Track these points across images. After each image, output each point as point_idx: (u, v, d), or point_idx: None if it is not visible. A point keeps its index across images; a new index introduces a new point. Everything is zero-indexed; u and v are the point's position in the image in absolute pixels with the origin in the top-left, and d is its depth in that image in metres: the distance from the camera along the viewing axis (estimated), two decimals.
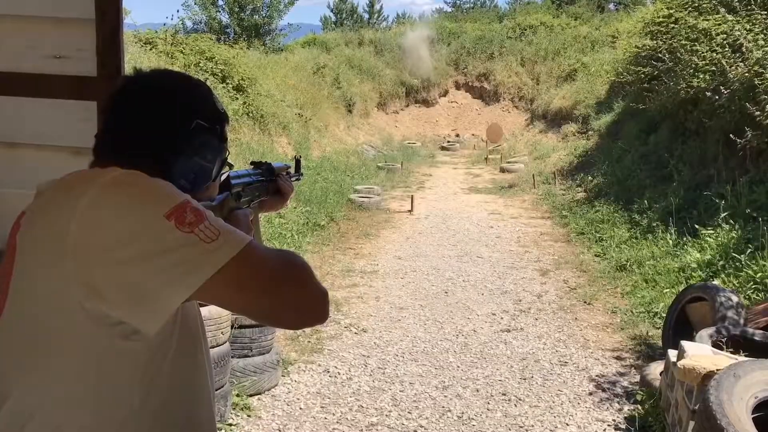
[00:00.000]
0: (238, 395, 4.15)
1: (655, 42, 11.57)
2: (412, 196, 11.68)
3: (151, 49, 11.32)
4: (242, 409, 4.12)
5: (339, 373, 4.80)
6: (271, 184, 1.61)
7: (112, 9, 2.04)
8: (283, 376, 4.64)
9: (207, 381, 1.23)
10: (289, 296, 1.05)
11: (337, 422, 4.10)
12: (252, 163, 1.61)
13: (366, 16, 38.64)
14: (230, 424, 3.93)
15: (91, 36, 2.01)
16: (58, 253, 0.98)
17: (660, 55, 10.84)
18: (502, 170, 15.92)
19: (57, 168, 1.88)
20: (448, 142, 21.85)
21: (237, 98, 12.26)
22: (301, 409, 4.25)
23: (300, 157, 1.96)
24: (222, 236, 1.00)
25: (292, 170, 1.78)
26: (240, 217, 1.39)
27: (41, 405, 1.03)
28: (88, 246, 0.97)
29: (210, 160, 1.22)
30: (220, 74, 12.30)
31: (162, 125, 1.15)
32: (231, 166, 1.38)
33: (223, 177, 1.38)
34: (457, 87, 25.02)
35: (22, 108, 2.13)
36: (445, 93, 24.80)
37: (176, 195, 1.03)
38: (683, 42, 10.02)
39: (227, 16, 25.94)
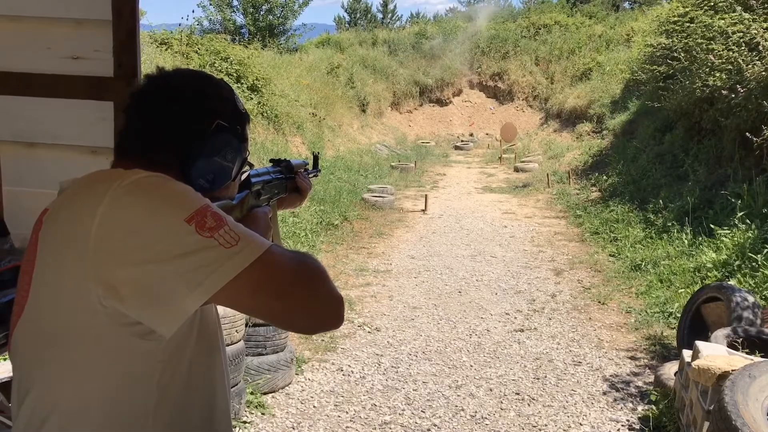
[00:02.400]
0: (252, 393, 4.18)
1: (670, 40, 11.49)
2: (425, 195, 11.68)
3: (166, 50, 11.40)
4: (256, 406, 4.14)
5: (352, 372, 4.82)
6: (290, 181, 1.62)
7: (129, 10, 2.07)
8: (296, 374, 4.67)
9: (223, 382, 1.24)
10: (303, 301, 1.05)
11: (351, 420, 4.11)
12: (271, 160, 1.62)
13: (380, 15, 38.68)
14: (244, 422, 3.96)
15: (107, 37, 2.04)
16: (79, 252, 1.00)
17: (675, 53, 10.77)
18: (516, 170, 15.88)
19: (75, 167, 1.91)
20: (462, 141, 21.81)
21: (252, 98, 12.32)
22: (314, 407, 4.27)
23: (318, 153, 1.96)
24: (242, 241, 1.00)
25: (310, 166, 1.78)
26: (259, 215, 1.40)
27: (56, 405, 1.05)
28: (108, 246, 0.98)
29: (230, 159, 1.22)
30: (234, 74, 12.36)
31: (183, 125, 1.16)
32: (251, 166, 1.39)
33: (244, 176, 1.39)
34: (471, 86, 24.98)
35: (40, 108, 2.17)
36: (459, 92, 24.76)
37: (197, 199, 1.03)
38: (699, 40, 9.95)
39: (242, 17, 26.06)
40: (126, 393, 1.05)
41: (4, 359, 3.78)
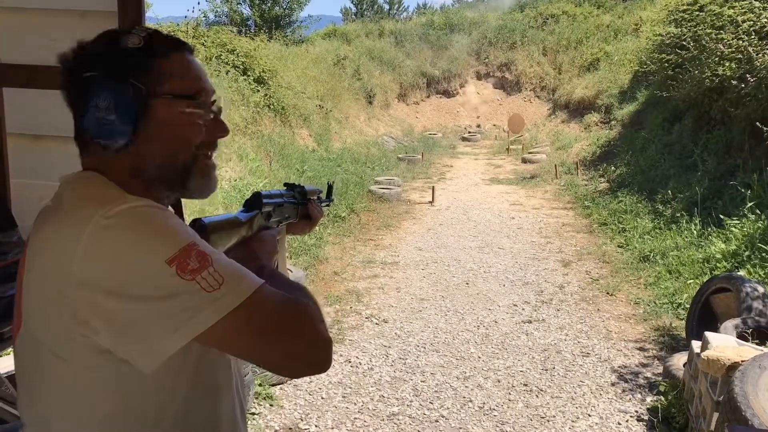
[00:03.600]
0: (260, 385, 4.19)
1: (679, 30, 11.40)
2: (432, 187, 11.66)
3: None
4: (264, 398, 4.16)
5: (360, 364, 4.82)
6: (301, 207, 1.57)
7: (134, 2, 2.06)
8: None
9: (234, 426, 1.20)
10: (288, 347, 1.01)
11: (359, 412, 4.12)
12: (285, 184, 1.58)
13: (386, 6, 38.51)
14: (253, 413, 3.98)
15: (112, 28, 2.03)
16: (59, 282, 0.97)
17: (684, 43, 10.68)
18: (524, 161, 15.82)
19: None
20: (470, 132, 21.73)
21: (258, 90, 12.31)
22: (322, 398, 4.28)
23: (333, 183, 1.90)
24: (225, 285, 0.96)
25: (323, 195, 1.75)
26: (266, 238, 1.34)
27: (50, 425, 1.04)
28: (87, 281, 0.95)
29: (109, 113, 1.04)
30: (241, 66, 12.35)
31: (69, 92, 1.09)
32: (259, 194, 1.36)
33: (254, 194, 1.35)
34: (479, 77, 24.86)
35: (46, 100, 2.16)
36: (466, 83, 24.66)
37: (183, 237, 0.98)
38: (708, 29, 9.87)
39: (248, 9, 26.02)
40: (117, 422, 1.03)
41: (7, 354, 3.79)
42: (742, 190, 7.35)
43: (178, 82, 1.08)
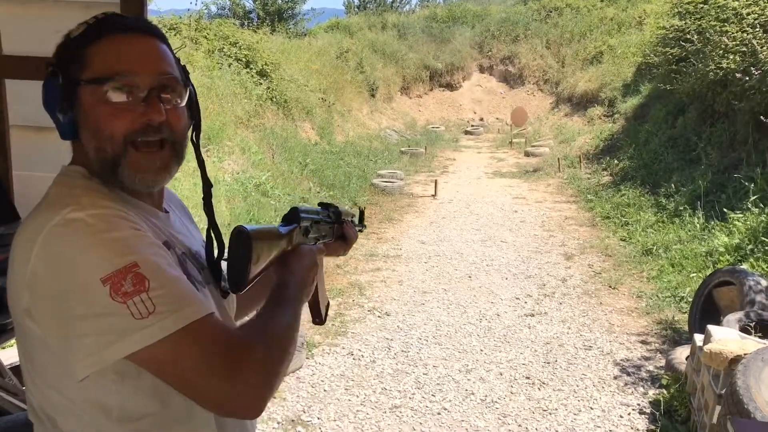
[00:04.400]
0: None
1: (683, 22, 11.35)
2: (435, 180, 11.65)
3: (175, 35, 11.37)
4: None
5: (363, 356, 4.83)
6: (336, 227, 1.52)
7: None
8: (307, 358, 4.69)
9: None
10: (214, 386, 0.95)
11: (361, 404, 4.13)
12: (319, 204, 1.52)
13: None
14: None
15: None
16: (20, 279, 0.98)
17: (688, 36, 10.64)
18: (527, 154, 15.80)
19: None
20: (472, 126, 21.70)
21: (261, 83, 12.30)
22: (325, 391, 4.29)
23: (364, 208, 1.87)
24: (156, 315, 0.92)
25: (356, 219, 1.71)
26: (305, 252, 1.27)
27: (45, 411, 1.05)
28: (32, 286, 0.95)
29: (57, 109, 1.06)
30: (244, 59, 12.33)
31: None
32: (297, 209, 1.30)
33: (291, 209, 1.32)
34: (482, 70, 24.81)
35: None
36: (469, 76, 24.61)
37: (124, 257, 0.93)
38: (713, 22, 9.82)
39: (251, 1, 25.95)
40: (112, 413, 1.02)
41: (11, 346, 3.81)
42: (746, 184, 7.33)
43: (97, 66, 1.03)
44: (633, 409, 4.09)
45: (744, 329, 4.13)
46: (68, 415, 1.03)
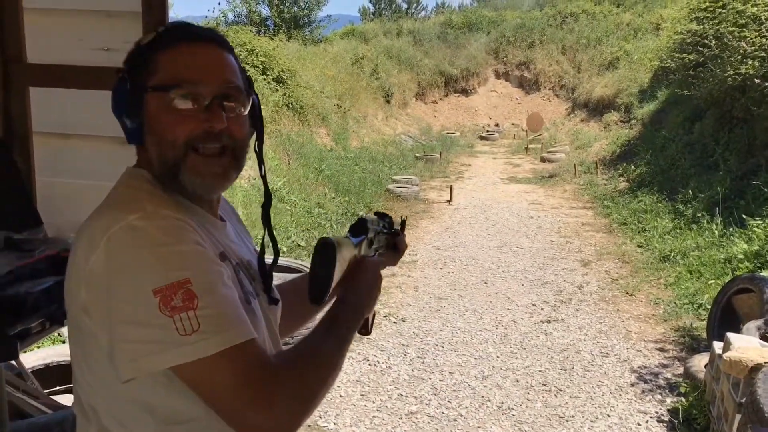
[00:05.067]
0: None
1: (701, 27, 11.26)
2: (450, 186, 11.64)
3: None
4: None
5: (378, 362, 4.83)
6: (390, 237, 1.49)
7: (158, 2, 2.09)
8: None
9: None
10: (245, 412, 0.95)
11: (377, 410, 4.13)
12: (376, 213, 1.47)
13: (404, 6, 38.47)
14: None
15: (137, 29, 2.07)
16: (78, 276, 1.01)
17: (706, 41, 10.55)
18: (543, 160, 15.74)
19: (108, 158, 1.94)
20: (488, 131, 21.65)
21: (277, 90, 12.37)
22: (341, 396, 4.29)
23: (406, 218, 1.83)
24: (199, 334, 0.93)
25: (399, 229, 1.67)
26: (369, 266, 1.25)
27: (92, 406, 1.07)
28: (91, 284, 0.98)
29: (126, 115, 1.09)
30: (260, 66, 12.41)
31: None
32: (365, 220, 1.29)
33: (358, 219, 1.30)
34: (497, 76, 24.76)
35: (74, 99, 2.20)
36: (485, 82, 24.58)
37: (178, 271, 0.95)
38: (731, 27, 9.75)
39: (267, 9, 26.11)
40: (149, 414, 1.04)
41: (38, 347, 3.86)
42: (765, 190, 7.27)
43: (164, 73, 1.06)
44: (651, 417, 4.06)
45: (764, 337, 4.08)
46: (114, 410, 1.04)
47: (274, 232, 1.26)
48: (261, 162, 1.26)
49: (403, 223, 1.71)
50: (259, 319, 1.13)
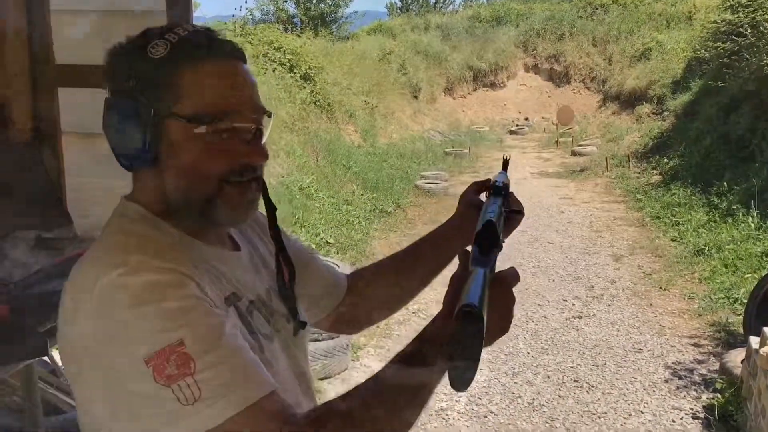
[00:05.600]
0: None
1: (736, 16, 11.02)
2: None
3: None
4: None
5: None
6: (506, 201, 1.23)
7: (183, 2, 2.10)
8: (352, 360, 4.70)
9: None
10: None
11: None
12: (494, 188, 1.24)
13: (432, 0, 38.34)
14: None
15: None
16: (66, 324, 0.91)
17: (741, 29, 10.33)
18: (574, 153, 15.55)
19: None
20: (517, 125, 21.47)
21: (304, 87, 12.42)
22: None
23: (509, 157, 1.50)
24: (203, 401, 0.82)
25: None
26: (507, 288, 0.97)
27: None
28: (79, 345, 0.89)
29: (125, 128, 0.94)
30: (287, 64, 12.47)
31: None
32: (495, 226, 1.03)
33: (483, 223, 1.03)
34: (526, 69, 24.52)
35: (97, 99, 2.21)
36: (514, 76, 24.37)
37: (168, 331, 0.84)
38: (767, 15, 9.52)
39: (294, 6, 26.25)
40: None
41: None
42: None
43: (194, 100, 0.92)
44: (686, 414, 3.99)
45: None
46: None
47: (302, 230, 1.17)
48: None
49: (505, 162, 1.42)
50: (277, 365, 1.03)
